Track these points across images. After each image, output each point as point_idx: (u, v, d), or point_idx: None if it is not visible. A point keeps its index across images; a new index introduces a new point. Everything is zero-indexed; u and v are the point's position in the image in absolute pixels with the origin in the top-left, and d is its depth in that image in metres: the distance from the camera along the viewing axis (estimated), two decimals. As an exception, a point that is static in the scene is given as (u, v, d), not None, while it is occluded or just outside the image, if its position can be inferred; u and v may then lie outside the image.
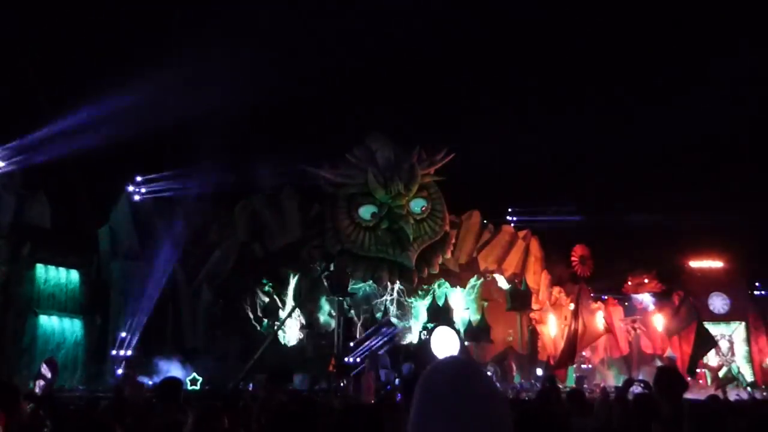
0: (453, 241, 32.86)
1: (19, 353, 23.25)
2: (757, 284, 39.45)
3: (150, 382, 20.37)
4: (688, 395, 5.31)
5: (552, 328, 36.00)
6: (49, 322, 24.88)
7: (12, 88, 27.03)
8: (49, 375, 14.59)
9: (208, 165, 27.16)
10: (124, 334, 25.40)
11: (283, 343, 30.08)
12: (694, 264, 39.36)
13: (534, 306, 35.12)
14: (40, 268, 25.05)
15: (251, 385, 24.28)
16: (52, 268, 25.51)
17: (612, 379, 33.47)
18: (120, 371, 23.76)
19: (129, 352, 24.92)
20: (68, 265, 25.98)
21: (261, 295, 30.49)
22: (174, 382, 5.48)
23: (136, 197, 28.24)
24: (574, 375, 32.20)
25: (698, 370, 28.85)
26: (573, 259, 38.70)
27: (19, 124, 25.26)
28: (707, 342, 21.76)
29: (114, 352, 25.15)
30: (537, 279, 36.22)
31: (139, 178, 28.57)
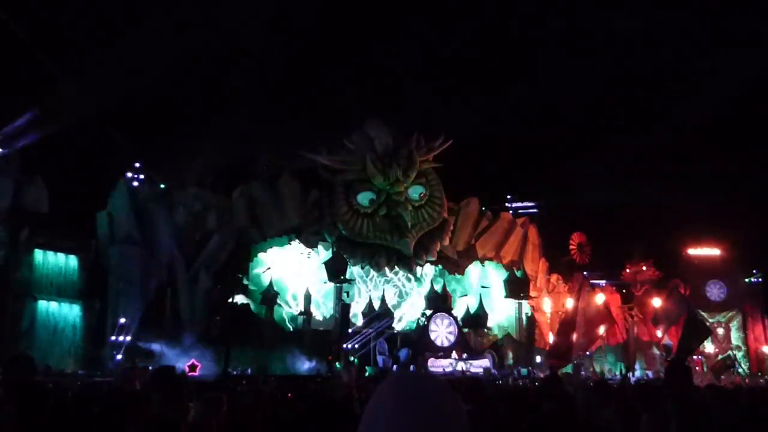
0: (451, 228, 32.87)
1: (18, 337, 23.33)
2: (754, 271, 39.43)
3: (150, 368, 20.44)
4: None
5: (549, 315, 36.09)
6: (47, 306, 24.94)
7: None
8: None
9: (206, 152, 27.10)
10: (122, 320, 25.45)
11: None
12: (692, 252, 39.43)
13: (532, 293, 35.19)
14: (38, 253, 25.06)
15: (249, 370, 24.41)
16: (50, 253, 25.52)
17: (608, 367, 33.65)
18: (119, 357, 23.84)
19: (128, 338, 24.97)
20: (66, 250, 25.98)
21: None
22: (167, 371, 5.50)
23: (135, 183, 28.17)
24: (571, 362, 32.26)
25: (695, 357, 28.90)
26: (571, 246, 38.74)
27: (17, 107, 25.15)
28: (701, 330, 21.74)
29: (113, 338, 25.23)
30: (535, 266, 36.28)
31: (137, 164, 28.49)
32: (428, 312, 31.84)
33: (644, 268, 39.52)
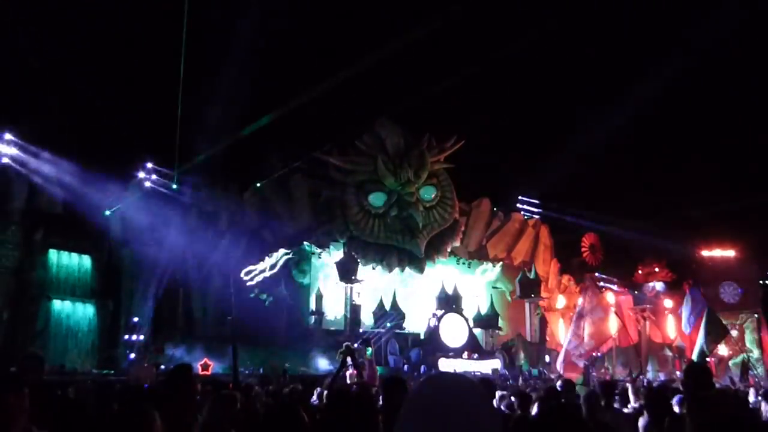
0: (462, 228, 32.83)
1: (33, 337, 23.57)
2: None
3: (162, 367, 20.59)
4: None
5: (561, 316, 35.99)
6: (62, 306, 25.22)
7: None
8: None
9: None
10: (136, 319, 25.66)
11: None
12: (706, 253, 39.06)
13: (543, 294, 35.08)
14: (52, 253, 25.33)
15: (261, 369, 24.47)
16: (64, 254, 25.79)
17: (620, 368, 33.45)
18: (132, 356, 24.03)
19: (141, 337, 25.17)
20: (80, 251, 26.25)
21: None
22: (183, 369, 5.53)
23: (147, 183, 28.34)
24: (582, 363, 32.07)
25: (709, 359, 28.59)
26: (583, 247, 38.56)
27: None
28: (720, 330, 21.48)
29: (126, 337, 25.44)
30: (546, 267, 36.18)
31: (149, 165, 28.65)
32: (439, 312, 31.82)
33: (657, 269, 39.24)
